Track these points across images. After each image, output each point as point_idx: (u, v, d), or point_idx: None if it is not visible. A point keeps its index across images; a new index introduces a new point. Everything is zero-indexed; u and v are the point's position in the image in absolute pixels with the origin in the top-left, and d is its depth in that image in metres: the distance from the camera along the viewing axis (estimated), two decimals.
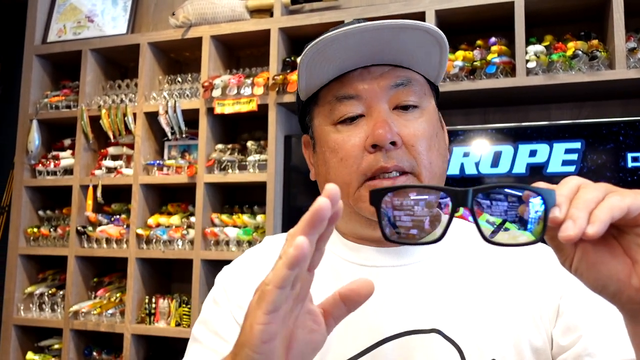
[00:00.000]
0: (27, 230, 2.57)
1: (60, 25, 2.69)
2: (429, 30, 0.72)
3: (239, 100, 2.23)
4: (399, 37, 0.73)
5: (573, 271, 0.52)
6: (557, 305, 0.74)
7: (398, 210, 0.56)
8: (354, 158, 0.74)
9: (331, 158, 0.77)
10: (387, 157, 0.73)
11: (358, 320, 0.72)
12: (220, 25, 2.34)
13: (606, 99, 2.07)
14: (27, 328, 2.55)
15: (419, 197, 0.57)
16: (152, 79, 2.48)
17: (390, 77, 0.76)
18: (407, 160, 0.74)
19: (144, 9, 2.73)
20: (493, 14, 2.03)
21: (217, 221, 2.27)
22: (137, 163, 2.39)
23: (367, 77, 0.76)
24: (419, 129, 0.75)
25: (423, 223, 0.57)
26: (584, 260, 0.50)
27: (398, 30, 0.72)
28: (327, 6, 2.31)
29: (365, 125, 0.75)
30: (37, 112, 2.60)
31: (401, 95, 0.76)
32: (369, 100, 0.75)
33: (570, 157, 1.89)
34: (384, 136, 0.72)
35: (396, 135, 0.73)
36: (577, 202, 0.48)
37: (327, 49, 0.73)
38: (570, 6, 1.99)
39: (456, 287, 0.75)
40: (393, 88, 0.76)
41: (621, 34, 1.84)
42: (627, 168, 1.83)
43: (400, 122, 0.75)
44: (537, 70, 1.91)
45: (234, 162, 2.26)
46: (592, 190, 0.49)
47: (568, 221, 0.47)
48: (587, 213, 0.47)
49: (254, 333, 0.46)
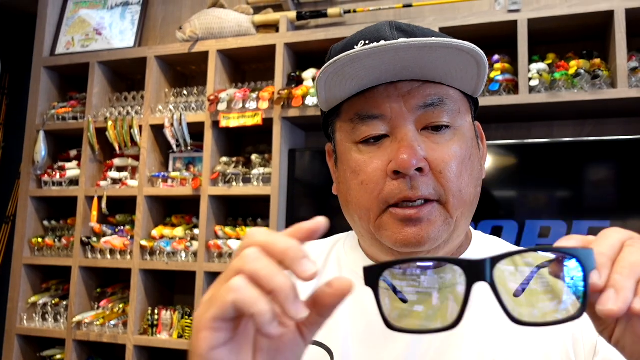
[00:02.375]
0: (32, 240, 2.58)
1: (69, 37, 2.73)
2: (462, 48, 0.65)
3: (244, 114, 2.25)
4: (429, 57, 0.65)
5: (613, 343, 0.44)
6: (594, 341, 0.67)
7: (403, 290, 0.47)
8: (375, 183, 0.68)
9: (352, 179, 0.70)
10: (411, 185, 0.66)
11: (379, 342, 0.70)
12: (227, 39, 2.37)
13: (608, 117, 2.08)
14: (30, 338, 2.55)
15: (427, 272, 0.47)
16: (159, 91, 2.51)
17: (420, 95, 0.68)
18: (434, 188, 0.66)
19: (152, 22, 2.76)
20: (496, 31, 2.05)
21: (221, 234, 2.28)
22: (142, 175, 2.41)
23: (394, 94, 0.68)
24: (449, 153, 0.67)
25: (433, 305, 0.47)
26: (628, 332, 0.42)
27: (427, 50, 0.64)
28: (333, 22, 2.34)
29: (390, 147, 0.68)
30: (44, 123, 2.63)
31: (431, 115, 0.68)
32: (394, 121, 0.68)
33: None
34: (408, 162, 0.64)
35: (422, 161, 0.65)
36: (621, 266, 0.39)
37: (346, 67, 0.65)
38: (572, 25, 2.01)
39: (484, 310, 0.69)
40: (422, 108, 0.68)
41: (623, 53, 1.85)
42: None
43: (428, 145, 0.67)
44: (540, 88, 1.93)
45: (238, 175, 2.28)
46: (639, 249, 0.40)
47: (609, 290, 0.38)
48: (634, 282, 0.39)
49: (199, 341, 0.42)
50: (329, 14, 2.32)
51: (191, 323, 2.25)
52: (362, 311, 0.73)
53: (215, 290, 0.44)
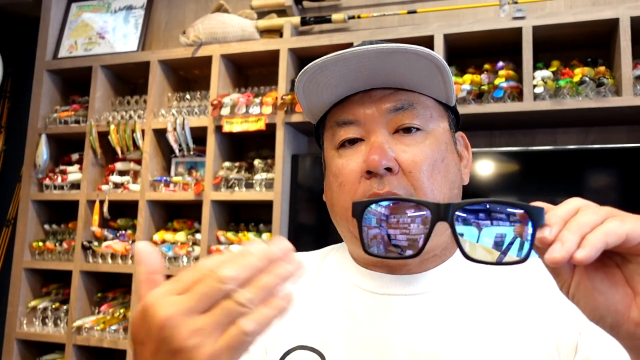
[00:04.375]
0: (33, 244, 2.57)
1: (72, 41, 2.73)
2: (419, 52, 0.69)
3: (247, 119, 2.24)
4: (390, 62, 0.70)
5: (570, 297, 0.49)
6: (575, 341, 0.70)
7: (380, 224, 0.56)
8: (351, 184, 0.73)
9: (333, 182, 0.76)
10: (381, 183, 0.70)
11: (369, 345, 0.72)
12: (230, 44, 2.36)
13: (613, 125, 2.08)
14: (29, 342, 2.54)
15: (401, 211, 0.55)
16: (161, 96, 2.50)
17: (391, 100, 0.73)
18: (403, 187, 0.70)
19: (155, 27, 2.76)
20: (501, 38, 2.05)
21: (223, 239, 2.27)
22: (144, 179, 2.41)
23: (367, 101, 0.74)
24: (419, 154, 0.72)
25: (405, 237, 0.55)
26: (581, 287, 0.48)
27: (385, 55, 0.69)
28: (337, 28, 2.34)
29: (364, 150, 0.73)
30: (46, 126, 2.62)
31: (401, 118, 0.73)
32: (368, 125, 0.73)
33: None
34: (377, 162, 0.69)
35: (392, 161, 0.70)
36: (570, 224, 0.46)
37: (317, 76, 0.72)
38: (577, 33, 2.01)
39: (470, 317, 0.72)
40: (392, 112, 0.73)
41: (628, 61, 1.85)
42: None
43: (399, 147, 0.72)
44: (544, 95, 1.92)
45: (240, 180, 2.27)
46: (590, 213, 0.46)
47: (557, 243, 0.44)
48: (578, 236, 0.44)
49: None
50: (333, 20, 2.31)
51: None
52: (353, 314, 0.76)
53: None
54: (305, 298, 0.80)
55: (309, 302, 0.80)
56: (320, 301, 0.79)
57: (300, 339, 0.76)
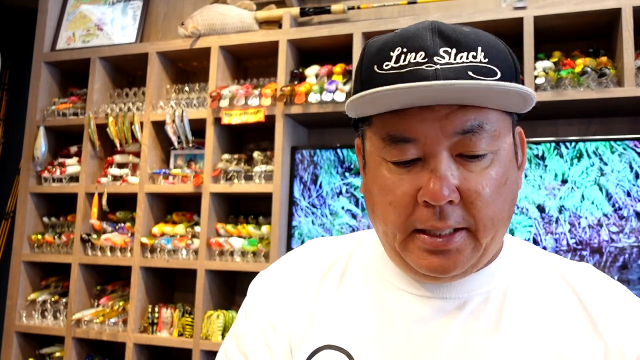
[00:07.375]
0: (32, 236, 2.56)
1: (70, 33, 2.71)
2: (509, 92, 0.60)
3: (247, 111, 2.23)
4: (465, 93, 0.60)
5: None
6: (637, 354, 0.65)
7: None
8: (403, 207, 0.64)
9: (380, 195, 0.67)
10: (440, 215, 0.63)
11: (404, 351, 0.69)
12: (229, 35, 2.35)
13: (614, 116, 2.07)
14: (29, 335, 2.54)
15: None
16: (160, 88, 2.49)
17: (458, 119, 0.62)
18: (464, 217, 0.63)
19: (153, 18, 2.74)
20: (502, 29, 2.03)
21: (222, 231, 2.26)
22: (143, 171, 2.40)
23: (429, 117, 0.62)
24: (482, 183, 0.63)
25: None
26: None
27: (464, 92, 0.59)
28: (336, 19, 2.32)
29: (421, 172, 0.63)
30: (45, 118, 2.61)
31: (468, 143, 0.62)
32: (428, 147, 0.62)
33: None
34: (439, 195, 0.61)
35: (454, 192, 0.62)
36: None
37: (375, 100, 0.62)
38: (579, 23, 1.99)
39: (518, 324, 0.67)
40: (459, 134, 0.62)
41: (630, 51, 1.84)
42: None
43: (462, 173, 0.63)
44: (546, 86, 1.91)
45: (240, 172, 2.26)
46: None
47: None
48: None
49: None
50: (333, 11, 2.30)
51: (191, 321, 2.23)
52: (386, 314, 0.71)
53: None
54: (334, 293, 0.75)
55: (338, 298, 0.75)
56: (350, 297, 0.74)
57: (328, 338, 0.71)
